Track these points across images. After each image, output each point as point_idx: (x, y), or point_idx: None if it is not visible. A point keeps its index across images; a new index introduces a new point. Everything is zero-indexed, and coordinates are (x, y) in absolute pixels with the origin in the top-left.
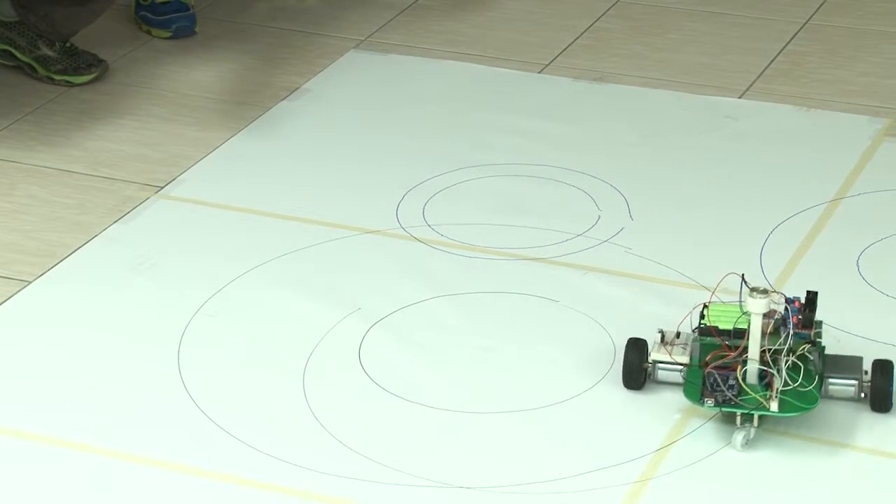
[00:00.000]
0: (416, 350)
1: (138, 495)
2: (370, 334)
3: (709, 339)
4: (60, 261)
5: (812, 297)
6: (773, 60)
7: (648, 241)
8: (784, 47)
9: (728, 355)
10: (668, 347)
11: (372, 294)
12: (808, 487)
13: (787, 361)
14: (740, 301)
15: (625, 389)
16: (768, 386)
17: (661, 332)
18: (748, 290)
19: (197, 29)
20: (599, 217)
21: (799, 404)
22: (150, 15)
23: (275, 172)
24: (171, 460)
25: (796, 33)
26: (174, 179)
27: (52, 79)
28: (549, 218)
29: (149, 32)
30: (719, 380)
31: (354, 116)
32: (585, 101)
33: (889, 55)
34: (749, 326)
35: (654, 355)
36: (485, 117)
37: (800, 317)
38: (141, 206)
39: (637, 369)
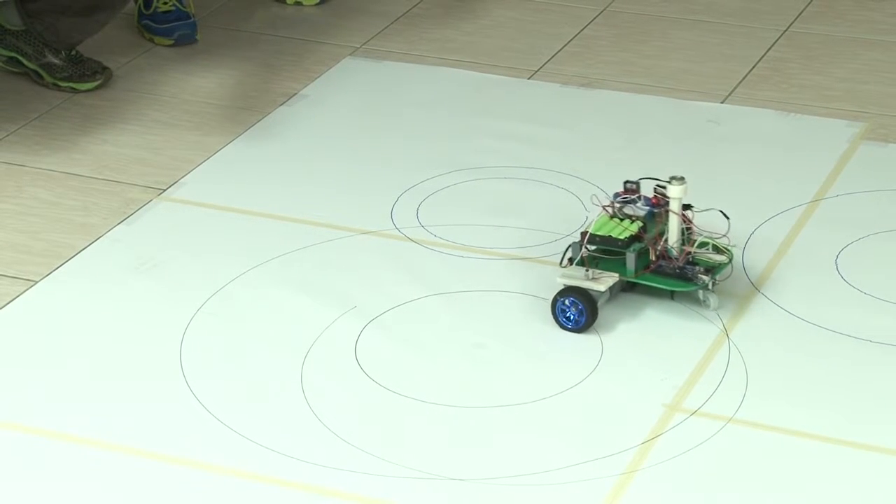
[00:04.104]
0: (409, 346)
1: (142, 488)
2: (366, 331)
3: (636, 245)
4: (66, 261)
5: (635, 185)
6: (754, 67)
7: None
8: (765, 54)
9: (657, 246)
10: (599, 278)
11: (367, 293)
12: (792, 479)
13: (690, 229)
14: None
15: (613, 386)
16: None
17: (588, 270)
18: (669, 178)
19: (198, 37)
20: (587, 218)
21: (732, 251)
22: (152, 23)
23: (273, 175)
24: (173, 454)
25: (776, 40)
26: (176, 182)
27: (58, 85)
28: (538, 219)
29: (151, 40)
30: (695, 265)
31: (350, 121)
32: (573, 105)
33: (866, 61)
34: (670, 212)
35: (601, 287)
36: (476, 122)
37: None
38: (144, 208)
39: (596, 306)
